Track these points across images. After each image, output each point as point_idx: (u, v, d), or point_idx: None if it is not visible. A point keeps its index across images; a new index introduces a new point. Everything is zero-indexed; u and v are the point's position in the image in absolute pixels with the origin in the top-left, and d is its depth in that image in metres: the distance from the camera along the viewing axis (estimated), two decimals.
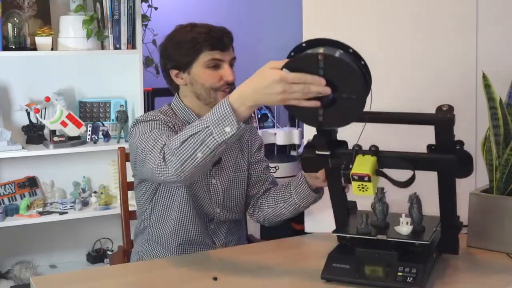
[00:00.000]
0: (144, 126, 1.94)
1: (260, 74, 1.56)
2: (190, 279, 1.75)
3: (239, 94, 1.58)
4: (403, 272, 1.64)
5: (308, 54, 1.51)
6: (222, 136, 1.59)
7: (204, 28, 2.03)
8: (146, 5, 3.55)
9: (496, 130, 1.97)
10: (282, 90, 1.50)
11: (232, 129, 1.58)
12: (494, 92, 1.96)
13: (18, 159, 3.35)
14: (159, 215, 2.08)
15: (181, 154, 1.64)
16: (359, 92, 1.51)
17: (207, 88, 2.02)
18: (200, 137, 1.61)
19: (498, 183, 1.99)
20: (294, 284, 1.74)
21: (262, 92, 1.54)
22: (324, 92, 1.49)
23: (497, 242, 1.93)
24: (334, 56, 1.49)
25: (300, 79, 1.49)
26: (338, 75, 1.50)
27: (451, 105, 1.61)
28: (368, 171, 1.59)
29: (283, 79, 1.50)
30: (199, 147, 1.61)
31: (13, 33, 3.20)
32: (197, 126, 1.63)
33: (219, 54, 2.01)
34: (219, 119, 1.58)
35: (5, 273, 3.43)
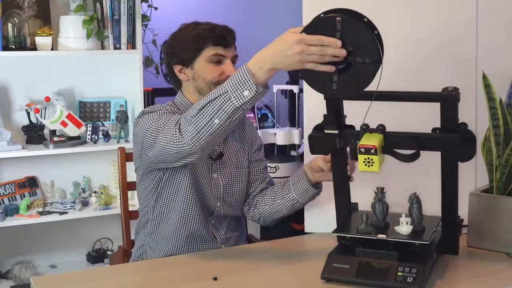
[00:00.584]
0: (152, 115, 1.96)
1: (280, 38, 1.61)
2: (190, 279, 1.75)
3: (257, 59, 1.63)
4: (403, 272, 1.64)
5: (326, 17, 1.58)
6: (240, 100, 1.62)
7: (208, 25, 2.08)
8: (146, 5, 3.55)
9: (496, 130, 1.97)
10: (301, 50, 1.55)
11: (251, 92, 1.62)
12: (494, 92, 1.96)
13: (18, 159, 3.35)
14: (162, 208, 2.09)
15: (198, 121, 1.67)
16: (373, 55, 1.56)
17: (208, 82, 2.05)
18: (218, 103, 1.65)
19: (498, 183, 1.99)
20: (294, 284, 1.74)
21: (281, 54, 1.58)
22: (340, 54, 1.55)
23: (497, 242, 1.93)
24: (351, 19, 1.56)
25: (318, 41, 1.54)
26: (354, 39, 1.55)
27: (456, 87, 1.65)
28: (375, 142, 1.65)
29: (302, 40, 1.55)
30: (217, 113, 1.65)
31: (13, 33, 3.20)
32: (216, 93, 1.66)
33: (222, 50, 2.06)
34: (237, 83, 1.62)
35: (5, 273, 3.43)
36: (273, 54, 1.60)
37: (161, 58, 3.63)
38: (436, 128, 1.72)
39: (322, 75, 1.58)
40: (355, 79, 1.59)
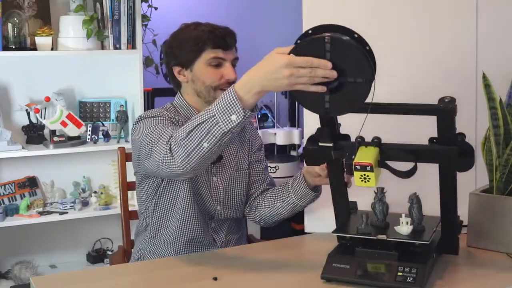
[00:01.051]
0: (148, 122, 1.94)
1: (267, 59, 1.56)
2: (190, 279, 1.75)
3: (245, 81, 1.59)
4: (403, 272, 1.64)
5: (314, 38, 1.53)
6: (228, 125, 1.59)
7: (208, 26, 2.05)
8: (146, 5, 3.55)
9: (496, 130, 1.97)
10: (290, 73, 1.50)
11: (238, 117, 1.58)
12: (494, 92, 1.96)
13: (18, 159, 3.35)
14: (162, 212, 2.08)
15: (187, 144, 1.65)
16: (364, 75, 1.52)
17: (207, 86, 2.03)
18: (206, 127, 1.61)
19: (498, 183, 1.99)
20: (294, 284, 1.74)
21: (269, 77, 1.54)
22: (330, 75, 1.50)
23: (497, 242, 1.93)
24: (341, 38, 1.51)
25: (307, 63, 1.50)
26: (344, 58, 1.51)
27: (453, 96, 1.63)
28: (370, 160, 1.62)
29: (291, 63, 1.50)
30: (205, 136, 1.62)
31: (13, 33, 3.20)
32: (203, 116, 1.63)
33: (221, 52, 2.03)
34: (225, 107, 1.59)
35: (5, 273, 3.43)
36: (261, 77, 1.55)
37: (161, 58, 3.63)
38: (433, 138, 1.69)
39: (314, 95, 1.54)
40: (348, 98, 1.55)
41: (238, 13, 4.53)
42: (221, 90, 2.01)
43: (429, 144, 1.69)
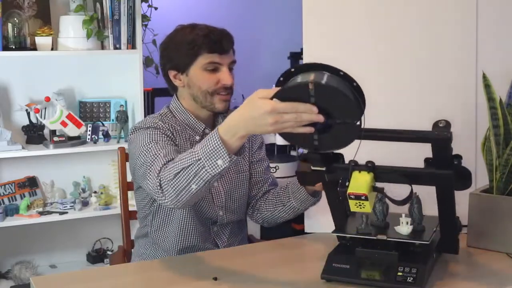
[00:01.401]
0: (143, 135, 1.92)
1: (250, 105, 1.52)
2: (190, 279, 1.75)
3: (229, 125, 1.57)
4: (403, 272, 1.64)
5: (298, 83, 1.47)
6: (215, 169, 1.59)
7: (203, 30, 1.99)
8: (146, 5, 3.55)
9: (496, 130, 1.97)
10: (274, 121, 1.48)
11: (224, 162, 1.58)
12: (494, 92, 1.96)
13: (18, 159, 3.35)
14: (161, 221, 2.07)
15: (176, 185, 1.65)
16: (352, 116, 1.49)
17: (204, 91, 1.99)
18: (193, 170, 1.61)
19: (498, 183, 1.99)
20: (294, 284, 1.73)
21: (253, 123, 1.51)
22: (317, 119, 1.47)
23: (497, 242, 1.93)
24: (325, 84, 1.45)
25: (292, 109, 1.46)
26: (330, 102, 1.47)
27: (448, 120, 1.61)
28: (364, 190, 1.58)
29: (274, 110, 1.47)
30: (193, 179, 1.62)
31: (13, 33, 3.20)
32: (189, 158, 1.62)
33: (217, 57, 1.98)
34: (210, 152, 1.58)
35: (5, 273, 3.43)
36: (245, 122, 1.53)
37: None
38: (429, 158, 1.67)
39: (302, 134, 1.52)
40: (338, 137, 1.54)
41: (238, 13, 4.53)
42: (218, 95, 1.99)
43: (425, 167, 1.68)
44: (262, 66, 4.55)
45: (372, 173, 1.62)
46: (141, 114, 3.44)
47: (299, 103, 1.46)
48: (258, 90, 1.53)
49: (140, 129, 1.97)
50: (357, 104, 1.49)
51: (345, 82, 1.49)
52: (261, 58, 4.58)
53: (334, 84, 1.46)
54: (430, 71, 2.34)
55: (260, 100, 1.49)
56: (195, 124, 2.05)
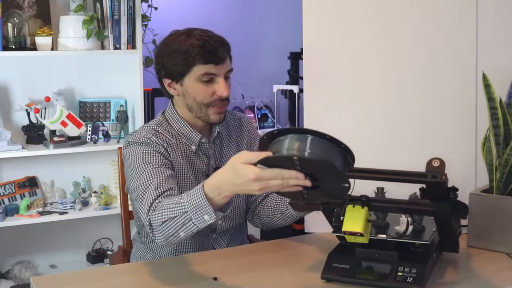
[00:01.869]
0: (136, 154, 1.89)
1: (233, 171, 1.51)
2: (190, 279, 1.75)
3: (215, 185, 1.57)
4: (403, 272, 1.64)
5: (282, 156, 1.44)
6: (202, 223, 1.61)
7: (199, 39, 1.89)
8: (146, 5, 3.55)
9: (496, 130, 1.97)
10: (259, 188, 1.48)
11: (211, 218, 1.59)
12: (494, 92, 1.96)
13: (18, 159, 3.35)
14: None
15: (164, 231, 1.67)
16: (341, 180, 1.48)
17: (199, 102, 1.94)
18: (180, 221, 1.63)
19: (498, 183, 1.99)
20: (294, 284, 1.73)
21: (238, 188, 1.53)
22: (303, 184, 1.46)
23: (497, 242, 1.93)
24: (308, 157, 1.43)
25: (277, 176, 1.46)
26: (317, 170, 1.46)
27: (442, 159, 1.61)
28: (359, 228, 1.59)
29: (259, 178, 1.46)
30: (181, 228, 1.64)
31: (13, 33, 3.20)
32: (176, 210, 1.63)
33: (213, 68, 1.90)
34: (196, 207, 1.59)
35: (5, 273, 3.43)
36: (229, 186, 1.53)
37: None
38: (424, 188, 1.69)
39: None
40: (327, 193, 1.54)
41: (238, 12, 4.53)
42: (213, 107, 1.94)
43: (421, 200, 1.69)
44: (262, 66, 4.55)
45: (366, 207, 1.62)
46: (141, 114, 3.44)
47: (285, 170, 1.45)
48: (241, 153, 1.52)
49: (133, 144, 1.93)
50: (344, 168, 1.47)
51: (332, 145, 1.46)
52: (261, 58, 4.58)
53: (319, 153, 1.43)
54: (430, 71, 2.34)
55: (243, 167, 1.48)
56: (191, 134, 2.00)
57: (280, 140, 1.47)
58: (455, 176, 2.36)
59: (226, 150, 2.09)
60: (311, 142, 1.43)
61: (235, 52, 2.05)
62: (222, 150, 2.08)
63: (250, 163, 1.48)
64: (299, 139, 1.44)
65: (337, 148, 1.46)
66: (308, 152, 1.42)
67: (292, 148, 1.43)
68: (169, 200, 1.70)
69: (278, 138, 1.48)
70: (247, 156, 1.49)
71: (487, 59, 2.23)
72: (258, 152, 1.48)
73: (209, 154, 2.04)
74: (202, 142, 2.02)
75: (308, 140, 1.43)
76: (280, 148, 1.45)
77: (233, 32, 2.06)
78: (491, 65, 2.17)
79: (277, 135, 1.49)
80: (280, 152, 1.44)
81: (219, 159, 2.06)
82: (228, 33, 2.05)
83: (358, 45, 2.43)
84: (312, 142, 1.43)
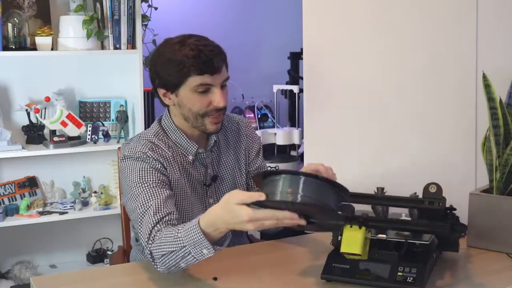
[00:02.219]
0: (132, 171, 1.87)
1: (228, 210, 1.53)
2: (190, 279, 1.75)
3: (211, 222, 1.58)
4: (403, 272, 1.64)
5: (276, 201, 1.45)
6: (201, 256, 1.62)
7: (193, 49, 1.84)
8: (146, 5, 3.55)
9: (496, 130, 1.97)
10: (254, 227, 1.51)
11: (209, 252, 1.60)
12: (494, 92, 1.96)
13: (18, 159, 3.35)
14: None
15: (165, 263, 1.68)
16: (335, 218, 1.50)
17: (194, 113, 1.90)
18: (180, 255, 1.64)
19: (498, 183, 1.99)
20: (294, 284, 1.73)
21: (233, 226, 1.54)
22: (298, 223, 1.48)
23: (497, 242, 1.93)
24: (302, 202, 1.44)
25: (272, 217, 1.47)
26: (311, 211, 1.48)
27: (438, 184, 1.62)
28: (357, 250, 1.60)
29: (253, 219, 1.48)
30: (181, 260, 1.65)
31: (13, 33, 3.20)
32: (175, 244, 1.64)
33: (209, 78, 1.85)
34: (194, 242, 1.60)
35: (5, 273, 3.43)
36: (225, 223, 1.55)
37: None
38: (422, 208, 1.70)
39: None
40: (323, 225, 1.57)
41: (238, 12, 4.53)
42: (209, 117, 1.90)
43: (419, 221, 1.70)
44: (262, 66, 4.55)
45: (364, 227, 1.63)
46: (141, 114, 3.44)
47: (279, 211, 1.46)
48: (235, 193, 1.53)
49: (129, 159, 1.90)
50: (337, 214, 1.49)
51: (325, 185, 1.47)
52: (261, 58, 4.58)
53: (313, 196, 1.44)
54: (430, 71, 2.34)
55: (237, 208, 1.50)
56: (188, 145, 1.97)
57: (274, 180, 1.47)
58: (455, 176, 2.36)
59: (224, 157, 2.06)
60: (304, 183, 1.44)
61: (235, 52, 2.04)
62: (220, 158, 2.05)
63: (244, 203, 1.49)
64: (292, 180, 1.45)
65: (330, 187, 1.47)
66: (301, 195, 1.43)
67: (285, 191, 1.44)
68: (168, 231, 1.69)
69: (272, 177, 1.48)
70: (241, 197, 1.51)
71: (487, 59, 2.23)
72: (252, 194, 1.49)
73: (206, 163, 2.01)
74: (199, 152, 1.98)
75: (301, 182, 1.44)
76: (273, 189, 1.46)
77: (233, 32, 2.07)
78: (491, 65, 2.17)
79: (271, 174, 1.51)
80: (274, 195, 1.45)
81: (217, 167, 2.04)
82: (228, 33, 2.05)
83: (358, 45, 2.43)
84: (305, 183, 1.44)
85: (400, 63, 2.37)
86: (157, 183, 1.85)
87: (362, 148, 2.57)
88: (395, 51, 2.37)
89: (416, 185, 1.83)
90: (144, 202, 1.80)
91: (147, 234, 1.74)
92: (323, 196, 1.45)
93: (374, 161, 2.53)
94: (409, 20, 2.34)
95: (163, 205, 1.79)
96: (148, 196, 1.81)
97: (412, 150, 2.44)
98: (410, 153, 2.44)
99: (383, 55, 2.39)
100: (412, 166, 2.43)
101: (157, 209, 1.78)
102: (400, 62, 2.37)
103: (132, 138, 2.03)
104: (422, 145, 2.42)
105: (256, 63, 4.54)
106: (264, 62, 4.56)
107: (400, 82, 2.40)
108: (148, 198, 1.81)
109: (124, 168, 1.92)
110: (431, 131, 2.41)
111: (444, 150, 2.40)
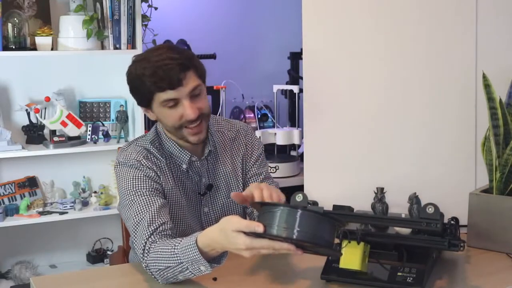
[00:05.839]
0: (126, 179, 1.87)
1: (225, 236, 1.53)
2: (190, 279, 1.74)
3: (208, 243, 1.59)
4: (403, 272, 1.64)
5: (272, 235, 1.45)
6: (198, 272, 1.63)
7: (151, 66, 1.81)
8: (146, 5, 3.55)
9: (496, 130, 1.97)
10: (250, 255, 1.51)
11: (207, 269, 1.61)
12: (494, 92, 1.96)
13: (18, 159, 3.35)
14: None
15: (163, 276, 1.69)
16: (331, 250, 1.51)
17: (171, 126, 1.89)
18: (177, 270, 1.65)
19: (498, 183, 1.99)
20: (294, 284, 1.73)
21: (230, 250, 1.56)
22: (295, 253, 1.49)
23: (497, 242, 1.93)
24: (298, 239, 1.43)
25: (268, 247, 1.48)
26: (307, 245, 1.49)
27: (435, 205, 1.62)
28: (357, 266, 1.61)
29: (249, 248, 1.49)
30: (179, 274, 1.66)
31: (13, 33, 3.20)
32: (171, 260, 1.64)
33: (172, 93, 1.82)
34: (192, 260, 1.61)
35: (5, 273, 3.42)
36: (222, 247, 1.57)
37: None
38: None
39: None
40: (319, 252, 1.59)
41: (238, 12, 4.53)
42: (186, 129, 1.88)
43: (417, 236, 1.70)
44: (262, 66, 4.54)
45: (363, 243, 1.63)
46: (141, 114, 3.43)
47: (276, 242, 1.47)
48: (232, 219, 1.52)
49: (122, 165, 1.91)
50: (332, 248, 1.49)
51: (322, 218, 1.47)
52: (261, 58, 4.58)
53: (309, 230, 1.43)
54: (430, 71, 2.34)
55: (234, 235, 1.50)
56: (180, 153, 1.95)
57: (271, 212, 1.47)
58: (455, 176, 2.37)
59: (221, 165, 2.03)
60: (301, 217, 1.44)
61: (235, 52, 2.03)
62: (217, 166, 2.02)
63: (240, 231, 1.49)
64: (289, 214, 1.44)
65: (327, 219, 1.47)
66: (298, 230, 1.43)
67: (282, 226, 1.44)
68: (164, 246, 1.68)
69: (270, 208, 1.48)
70: (237, 224, 1.49)
71: (487, 59, 2.23)
72: (249, 223, 1.48)
73: (201, 172, 1.98)
74: (192, 160, 1.96)
75: (297, 216, 1.44)
76: (271, 222, 1.45)
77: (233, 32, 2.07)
78: (491, 65, 2.17)
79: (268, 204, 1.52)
80: (271, 228, 1.45)
81: (213, 176, 2.01)
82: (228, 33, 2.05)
83: (358, 45, 2.44)
84: (301, 217, 1.44)
85: (400, 63, 2.37)
86: (151, 191, 1.85)
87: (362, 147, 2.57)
88: (395, 51, 2.37)
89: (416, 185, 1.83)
90: (138, 212, 1.80)
91: (142, 246, 1.74)
92: (320, 231, 1.45)
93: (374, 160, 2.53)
94: (409, 20, 2.34)
95: (157, 215, 1.79)
96: (142, 205, 1.81)
97: (412, 149, 2.44)
98: (410, 152, 2.44)
99: (383, 55, 2.39)
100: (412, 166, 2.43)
101: (151, 219, 1.77)
102: (400, 62, 2.37)
103: (130, 143, 2.02)
104: (422, 145, 2.42)
105: (256, 63, 4.54)
106: (264, 62, 4.55)
107: (400, 82, 2.40)
108: (142, 208, 1.81)
109: (117, 174, 1.94)
110: (431, 130, 2.41)
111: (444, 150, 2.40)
